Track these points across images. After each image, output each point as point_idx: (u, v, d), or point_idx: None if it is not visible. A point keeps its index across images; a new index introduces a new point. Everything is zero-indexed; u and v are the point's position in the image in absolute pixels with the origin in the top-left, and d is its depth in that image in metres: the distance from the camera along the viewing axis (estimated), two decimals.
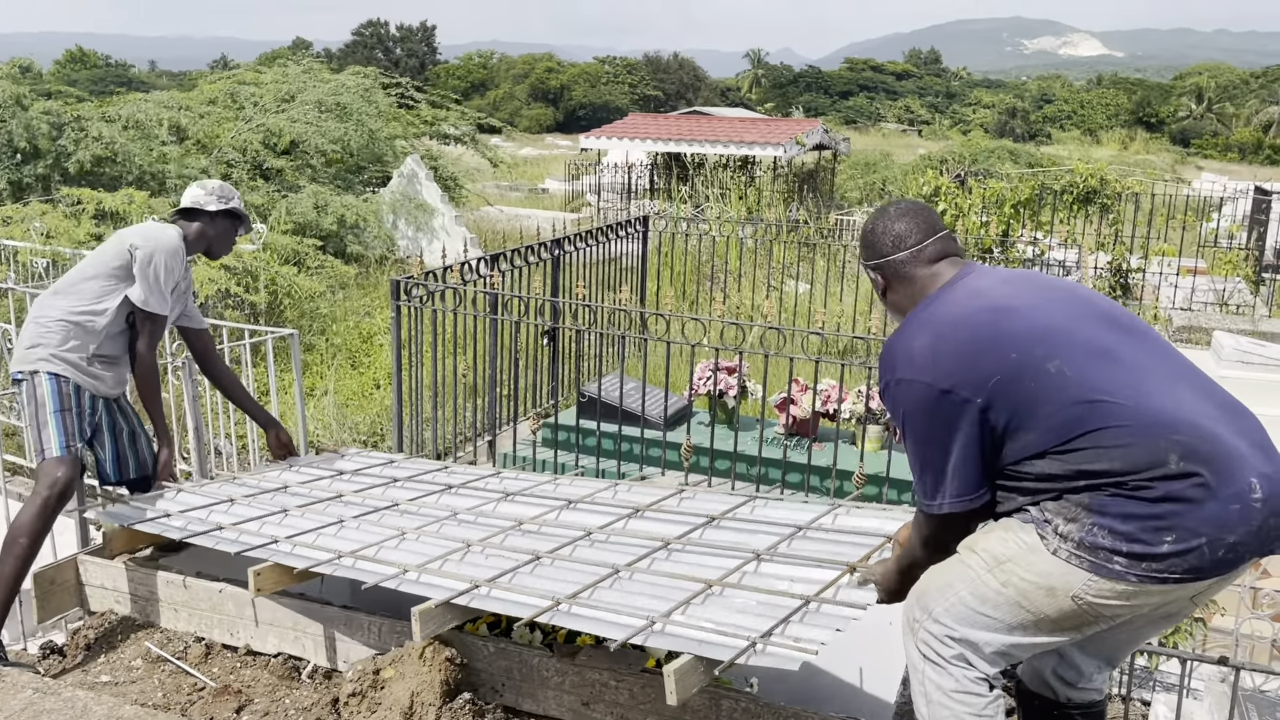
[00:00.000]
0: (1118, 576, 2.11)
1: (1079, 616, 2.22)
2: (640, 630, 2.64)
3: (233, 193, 4.02)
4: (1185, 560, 2.08)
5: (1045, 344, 2.21)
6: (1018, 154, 27.10)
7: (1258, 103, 59.30)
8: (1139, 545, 2.09)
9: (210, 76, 17.06)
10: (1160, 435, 2.11)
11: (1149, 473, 2.10)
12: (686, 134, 20.10)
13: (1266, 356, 6.34)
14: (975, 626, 2.30)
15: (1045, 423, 2.17)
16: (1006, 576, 2.24)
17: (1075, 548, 2.15)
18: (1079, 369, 2.19)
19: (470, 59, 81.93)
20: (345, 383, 7.65)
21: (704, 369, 5.72)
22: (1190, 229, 13.13)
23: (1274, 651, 4.43)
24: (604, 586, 2.96)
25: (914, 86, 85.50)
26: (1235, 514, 2.08)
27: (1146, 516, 2.09)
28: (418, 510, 3.78)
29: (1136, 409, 2.15)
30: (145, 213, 8.53)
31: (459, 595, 2.94)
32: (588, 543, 3.35)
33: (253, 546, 3.32)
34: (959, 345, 2.26)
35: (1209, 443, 2.12)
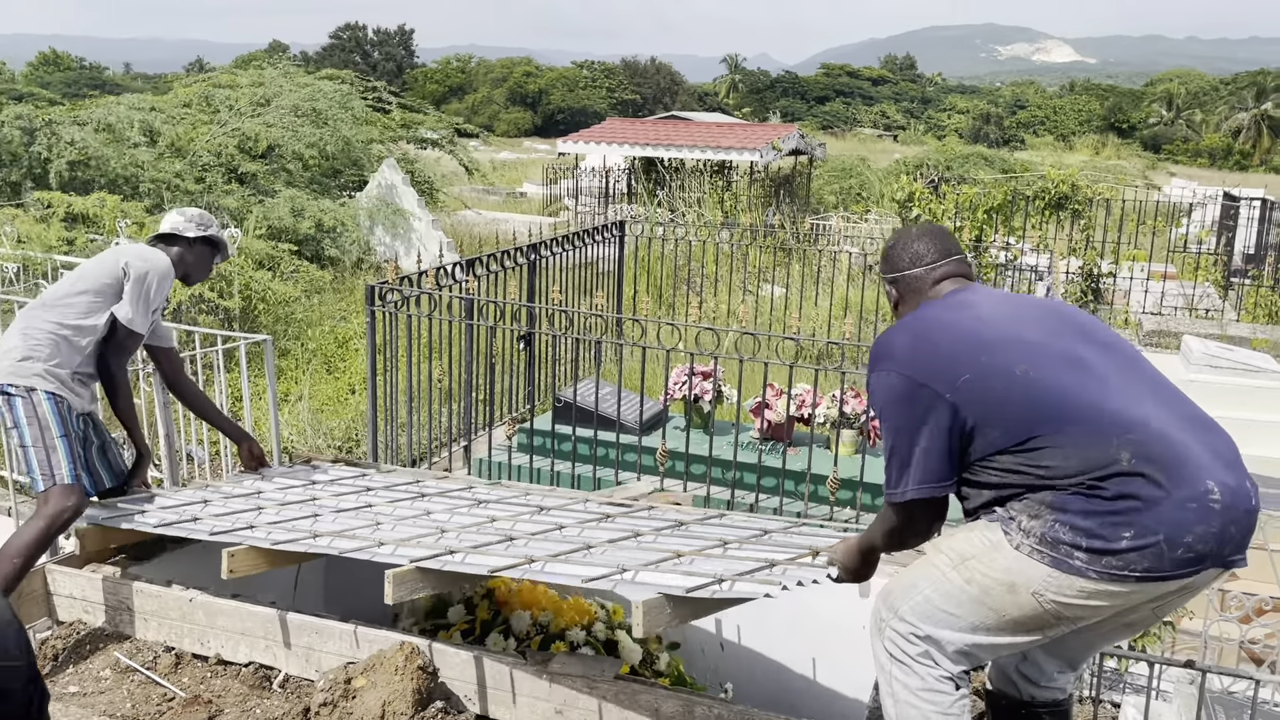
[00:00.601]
0: (1078, 572, 2.16)
1: (1041, 618, 2.26)
2: (609, 575, 2.68)
3: (211, 220, 4.04)
4: (1144, 557, 2.13)
5: (1017, 351, 2.33)
6: (992, 159, 27.33)
7: (1227, 109, 60.08)
8: (1098, 541, 2.15)
9: (185, 79, 16.93)
10: (1114, 434, 2.19)
11: (1103, 470, 2.17)
12: (664, 139, 20.13)
13: (1234, 360, 6.42)
14: (939, 625, 2.35)
15: (1007, 421, 2.26)
16: (970, 573, 2.31)
17: (1037, 543, 2.21)
18: (1045, 373, 2.28)
19: (448, 62, 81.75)
20: (320, 388, 7.61)
21: (679, 374, 5.73)
22: (1160, 234, 13.27)
23: (1241, 654, 4.49)
24: (574, 555, 3.00)
25: (890, 92, 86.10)
26: (1192, 513, 2.14)
27: (1105, 513, 2.16)
28: (396, 511, 3.77)
29: (1093, 410, 2.24)
30: (118, 217, 8.45)
31: (432, 559, 2.94)
32: (559, 532, 3.38)
33: (226, 531, 3.33)
34: (937, 345, 2.39)
35: (1162, 444, 2.19)
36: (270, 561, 3.25)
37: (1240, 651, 4.46)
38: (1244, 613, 4.25)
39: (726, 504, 5.02)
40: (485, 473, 5.52)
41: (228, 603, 3.40)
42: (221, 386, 5.15)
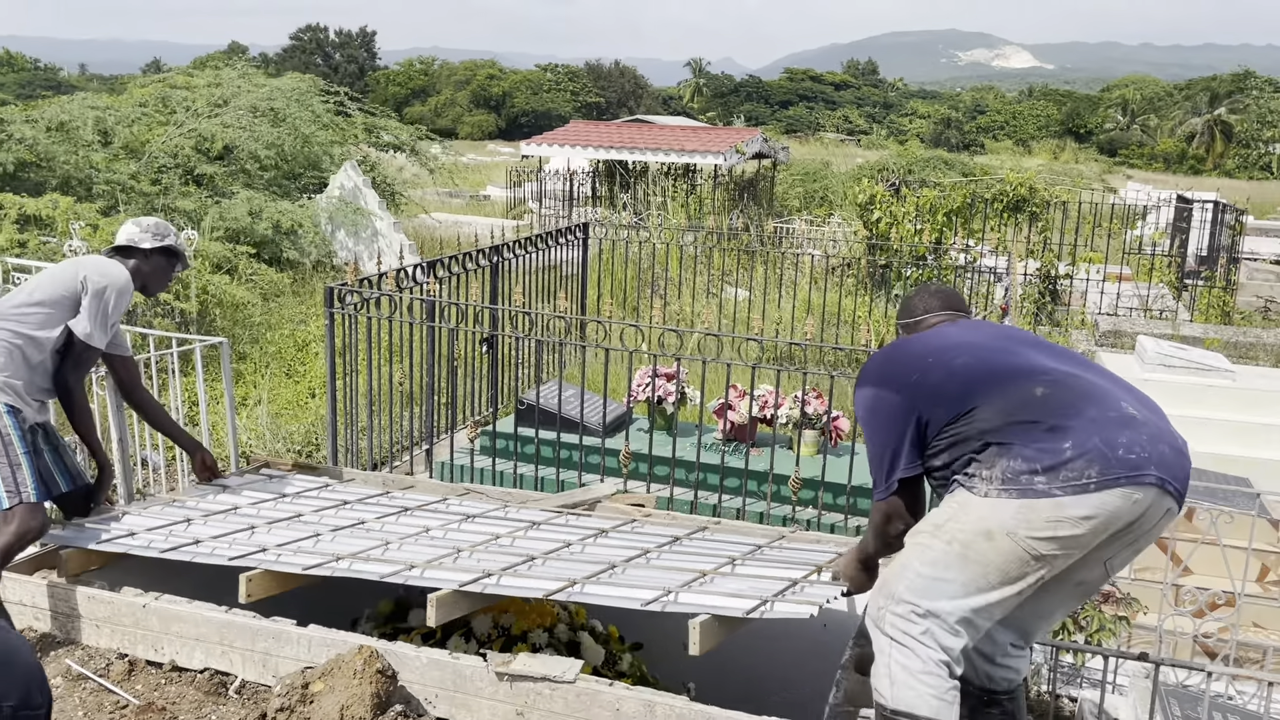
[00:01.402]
0: (1043, 494, 2.40)
1: (1022, 561, 2.45)
2: (657, 599, 2.89)
3: (169, 230, 4.00)
4: (1090, 462, 2.39)
5: (958, 350, 2.73)
6: (952, 163, 27.60)
7: (1181, 114, 61.10)
8: (1047, 457, 2.42)
9: (141, 80, 16.68)
10: (1031, 379, 2.57)
11: (1028, 405, 2.50)
12: (628, 142, 20.13)
13: (1188, 360, 6.52)
14: (936, 596, 2.52)
15: (949, 399, 2.60)
16: (949, 535, 2.53)
17: (1001, 484, 2.46)
18: (980, 360, 2.68)
19: (411, 65, 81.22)
20: (279, 392, 7.52)
21: (643, 375, 5.72)
22: (1116, 236, 13.47)
23: (1196, 648, 4.55)
24: (604, 576, 3.15)
25: (852, 97, 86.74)
26: (1114, 421, 2.46)
27: (1043, 434, 2.45)
28: (387, 528, 3.84)
29: (1015, 369, 2.62)
30: (71, 218, 8.31)
31: (472, 582, 3.07)
32: (568, 550, 3.52)
33: (242, 555, 3.35)
34: (895, 360, 2.81)
35: (1076, 380, 2.57)
36: (282, 584, 3.29)
37: (1194, 645, 4.53)
38: (1198, 607, 4.32)
39: (690, 506, 5.03)
40: (447, 476, 5.48)
41: (182, 608, 3.35)
42: (177, 391, 5.07)
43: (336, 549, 3.47)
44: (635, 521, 4.11)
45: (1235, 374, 6.50)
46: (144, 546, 3.56)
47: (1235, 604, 4.26)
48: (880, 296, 10.32)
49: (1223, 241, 11.56)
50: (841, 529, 4.83)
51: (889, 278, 10.43)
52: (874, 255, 10.22)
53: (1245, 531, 4.45)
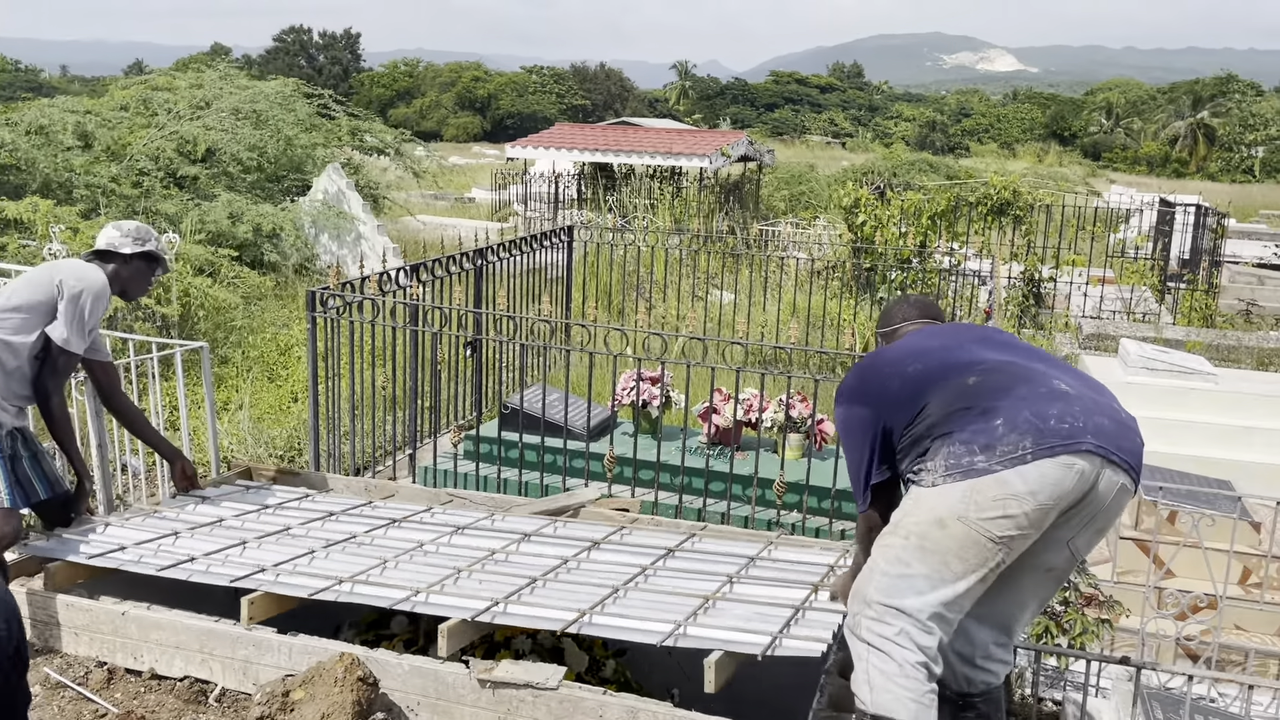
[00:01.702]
0: (985, 471, 2.48)
1: (980, 546, 2.50)
2: (670, 634, 2.94)
3: (149, 234, 3.96)
4: (1024, 435, 2.47)
5: (913, 358, 2.82)
6: (937, 166, 27.71)
7: (1164, 117, 61.49)
8: (982, 437, 2.51)
9: (123, 82, 16.56)
10: (967, 371, 2.67)
11: (963, 398, 2.59)
12: (614, 144, 20.13)
13: (1170, 363, 6.55)
14: (903, 594, 2.56)
15: (903, 403, 2.70)
16: (905, 530, 2.61)
17: (945, 471, 2.55)
18: (930, 364, 2.76)
19: (395, 66, 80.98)
20: (261, 396, 7.47)
21: (627, 379, 5.71)
22: (1099, 239, 13.54)
23: (1178, 650, 4.57)
24: (610, 604, 3.18)
25: (838, 99, 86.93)
26: (1044, 397, 2.54)
27: (976, 416, 2.55)
28: (377, 542, 3.84)
29: (955, 364, 2.71)
30: (51, 222, 8.24)
31: (484, 612, 3.09)
32: (566, 570, 3.55)
33: (240, 577, 3.34)
34: (864, 377, 2.90)
35: (1011, 366, 2.67)
36: (282, 605, 3.30)
37: (1176, 648, 4.54)
38: (1180, 609, 4.33)
39: (674, 510, 5.02)
40: (431, 481, 5.46)
41: (162, 616, 3.32)
42: (157, 396, 5.03)
43: (334, 568, 3.48)
44: (623, 529, 4.11)
45: (1217, 377, 6.53)
46: (134, 561, 3.53)
47: (1217, 606, 4.27)
48: (865, 300, 10.34)
49: (1205, 245, 11.63)
50: (826, 533, 4.83)
51: (874, 281, 10.45)
52: (859, 258, 10.24)
53: (1227, 534, 4.47)
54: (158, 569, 3.44)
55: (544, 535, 3.99)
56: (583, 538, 3.96)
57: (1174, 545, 4.57)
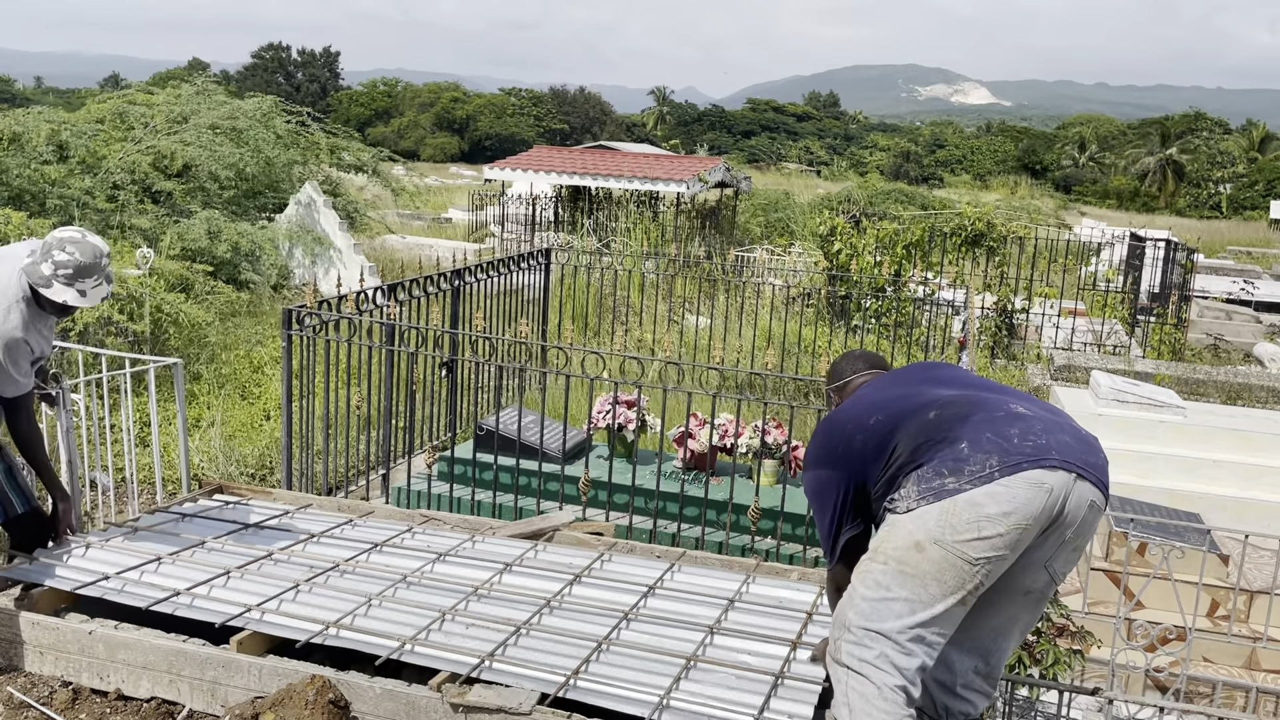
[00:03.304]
0: (955, 491, 2.52)
1: (957, 568, 2.52)
2: (656, 707, 2.96)
3: (74, 267, 3.47)
4: (989, 455, 2.52)
5: (873, 411, 2.83)
6: (912, 196, 27.99)
7: (1135, 153, 62.46)
8: (950, 461, 2.56)
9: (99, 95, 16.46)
10: (925, 409, 2.72)
11: (926, 431, 2.64)
12: (591, 168, 20.19)
13: (1140, 395, 6.63)
14: (882, 617, 2.59)
15: (872, 456, 2.73)
16: (884, 555, 2.62)
17: (918, 495, 2.58)
18: (889, 412, 2.79)
19: (374, 86, 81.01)
20: (234, 413, 7.41)
21: (603, 402, 5.71)
22: (1071, 272, 13.71)
23: (1147, 681, 4.60)
24: (595, 661, 3.21)
25: (814, 128, 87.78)
26: (1002, 420, 2.60)
27: (940, 443, 2.61)
28: (360, 570, 3.84)
29: (917, 403, 2.76)
30: (24, 234, 8.15)
31: (473, 669, 3.09)
32: (549, 611, 3.58)
33: (232, 617, 3.34)
34: (828, 440, 2.91)
35: (963, 397, 2.73)
36: (270, 642, 3.29)
37: (1146, 679, 4.58)
38: (1149, 641, 4.37)
39: (649, 534, 5.01)
40: (404, 501, 5.42)
41: (130, 635, 3.27)
42: (128, 411, 4.98)
43: (321, 607, 3.49)
44: (603, 556, 4.12)
45: (1186, 410, 6.62)
46: (118, 591, 3.51)
47: (1186, 638, 4.31)
48: (840, 327, 10.41)
49: (1174, 279, 11.80)
50: (800, 559, 4.83)
51: (848, 309, 10.52)
52: (834, 286, 10.31)
53: (1196, 566, 4.52)
54: (146, 603, 3.40)
55: (526, 564, 3.99)
56: (564, 567, 3.97)
57: (1144, 577, 4.61)
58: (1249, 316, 13.59)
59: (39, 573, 3.60)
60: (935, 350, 9.12)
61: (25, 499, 3.73)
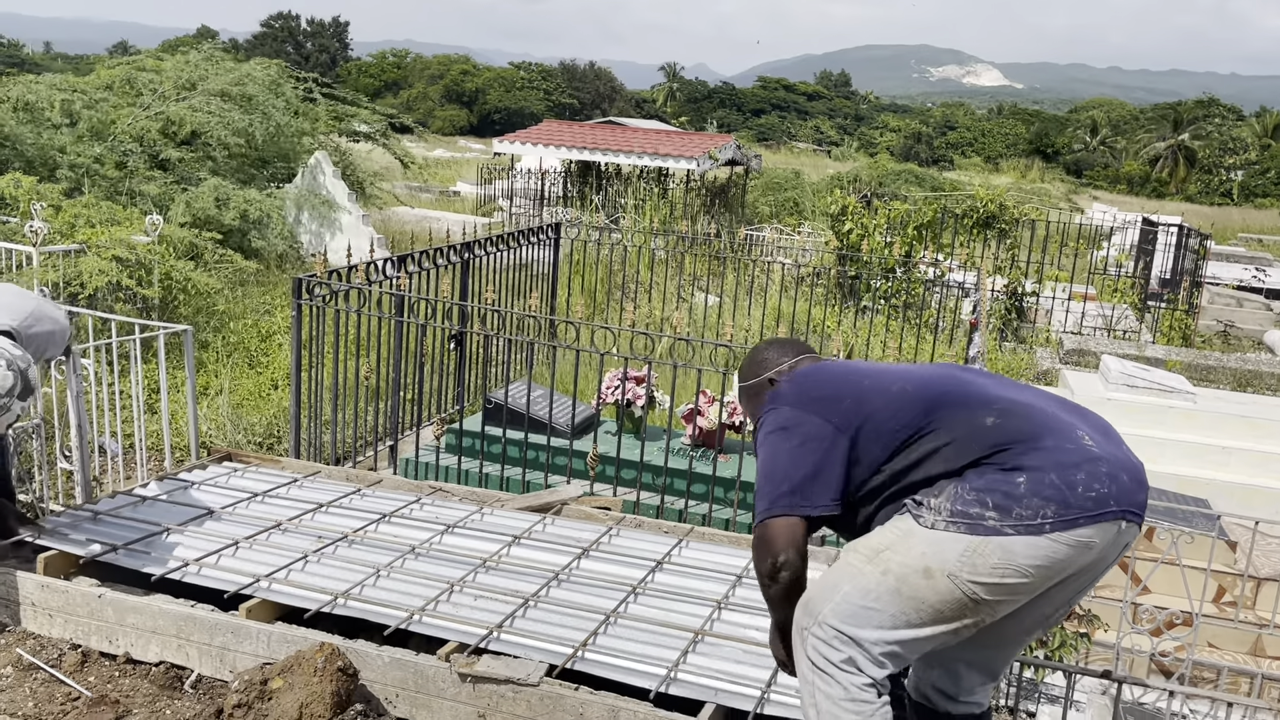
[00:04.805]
0: (995, 531, 2.24)
1: (960, 604, 2.29)
2: (663, 680, 2.98)
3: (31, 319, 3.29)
4: (1047, 502, 2.23)
5: (894, 376, 2.54)
6: (922, 178, 27.85)
7: (1147, 137, 62.07)
8: (998, 495, 2.26)
9: (108, 61, 16.38)
10: (981, 408, 2.40)
11: (980, 438, 2.33)
12: (602, 143, 20.09)
13: (1150, 381, 6.60)
14: (861, 624, 2.35)
15: (891, 425, 2.42)
16: (885, 564, 2.35)
17: (949, 516, 2.29)
18: (919, 384, 2.49)
19: (384, 57, 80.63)
20: (241, 382, 7.41)
21: (612, 378, 5.70)
22: (1081, 256, 13.65)
23: (1152, 666, 4.61)
24: (602, 633, 3.23)
25: (824, 108, 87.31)
26: (1071, 453, 2.29)
27: (996, 471, 2.29)
28: (369, 540, 3.86)
29: (963, 395, 2.45)
30: (34, 199, 8.13)
31: (481, 640, 3.12)
32: (558, 584, 3.58)
33: (242, 586, 3.35)
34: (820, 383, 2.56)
35: (1027, 409, 2.40)
36: (277, 613, 3.31)
37: (1150, 664, 4.58)
38: (1155, 625, 4.37)
39: (655, 510, 5.01)
40: (412, 473, 5.42)
41: (139, 600, 3.28)
42: (138, 377, 4.97)
43: (330, 576, 3.50)
44: (611, 530, 4.12)
45: (1196, 396, 6.59)
46: (129, 557, 3.52)
47: (1192, 624, 4.31)
48: (849, 307, 10.37)
49: (1186, 265, 11.74)
50: None
51: (858, 289, 10.49)
52: (844, 266, 10.27)
53: (1203, 552, 4.51)
54: (156, 573, 3.41)
55: (534, 537, 4.00)
56: (572, 541, 3.98)
57: (1152, 562, 4.60)
58: (1260, 304, 13.53)
59: (51, 538, 3.60)
60: (944, 332, 9.09)
61: (3, 464, 3.70)
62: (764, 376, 2.73)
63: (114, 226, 8.07)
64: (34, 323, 3.32)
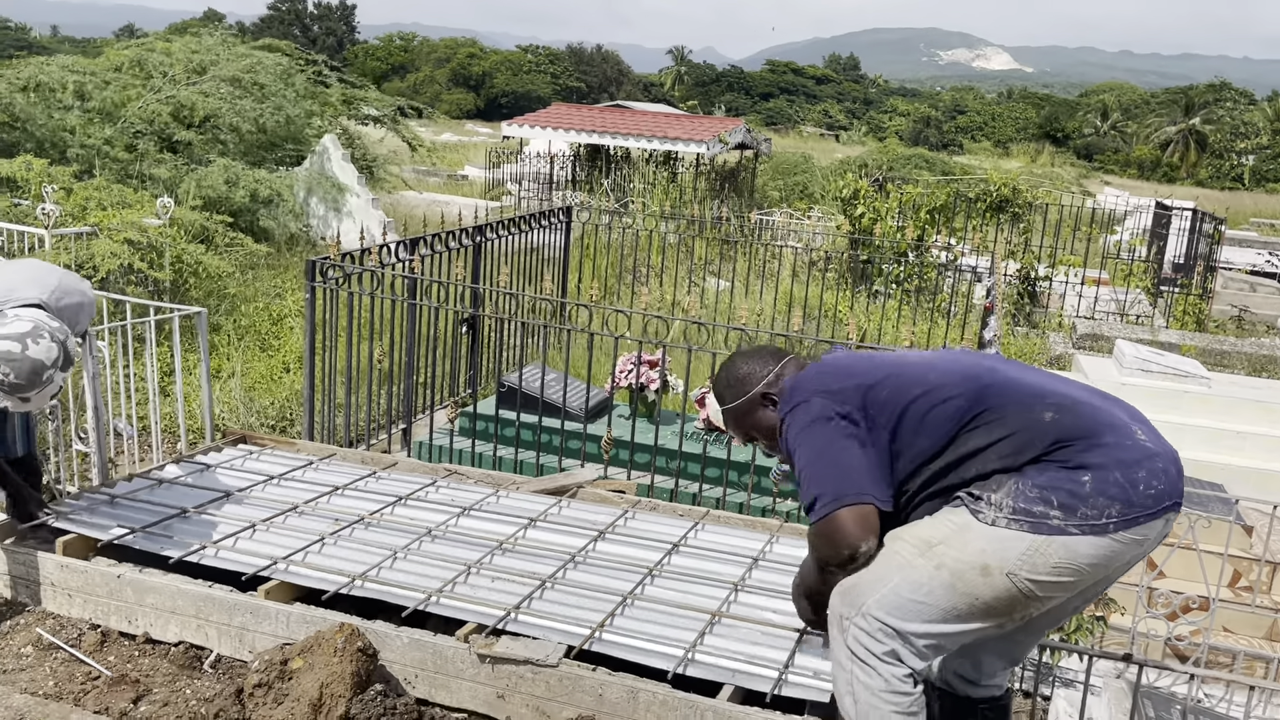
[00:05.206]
0: (1058, 531, 2.21)
1: (1012, 600, 2.28)
2: (681, 660, 2.98)
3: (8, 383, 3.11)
4: (1110, 501, 2.21)
5: (927, 367, 2.48)
6: (932, 162, 27.71)
7: (1158, 121, 61.68)
8: (1063, 492, 2.23)
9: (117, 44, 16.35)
10: (1034, 401, 2.34)
11: (1041, 433, 2.28)
12: (611, 126, 20.02)
13: (1165, 365, 6.58)
14: (908, 617, 2.32)
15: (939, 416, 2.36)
16: (939, 559, 2.30)
17: (1011, 513, 2.25)
18: (960, 377, 2.42)
19: (391, 40, 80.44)
20: (253, 365, 7.41)
21: (626, 362, 5.68)
22: (1094, 240, 13.58)
23: (1167, 650, 4.60)
24: (620, 615, 3.22)
25: (833, 91, 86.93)
26: (1130, 449, 2.27)
27: (1058, 468, 2.26)
28: (385, 522, 3.86)
29: (1010, 386, 2.39)
30: (44, 181, 8.13)
31: (499, 621, 3.12)
32: (574, 566, 3.58)
33: (260, 568, 3.36)
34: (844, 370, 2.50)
35: (1076, 404, 2.36)
36: (294, 594, 3.32)
37: (1166, 648, 4.57)
38: (1171, 610, 4.36)
39: (670, 494, 5.01)
40: (426, 456, 5.43)
41: (158, 580, 3.29)
42: (153, 359, 4.98)
43: (347, 559, 3.51)
44: (626, 514, 4.12)
45: (1211, 381, 6.56)
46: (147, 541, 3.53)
47: (1208, 608, 4.30)
48: (861, 292, 10.34)
49: (1200, 250, 11.67)
50: None
51: (869, 273, 10.45)
52: (856, 250, 10.23)
53: (1220, 537, 4.50)
54: (174, 555, 3.42)
55: (550, 520, 4.00)
56: (588, 524, 3.97)
57: (1168, 546, 4.59)
58: (1274, 288, 13.45)
59: (70, 521, 3.60)
60: (956, 316, 9.06)
61: (29, 443, 3.71)
62: (754, 393, 2.62)
63: (125, 209, 8.07)
64: (63, 295, 3.34)
